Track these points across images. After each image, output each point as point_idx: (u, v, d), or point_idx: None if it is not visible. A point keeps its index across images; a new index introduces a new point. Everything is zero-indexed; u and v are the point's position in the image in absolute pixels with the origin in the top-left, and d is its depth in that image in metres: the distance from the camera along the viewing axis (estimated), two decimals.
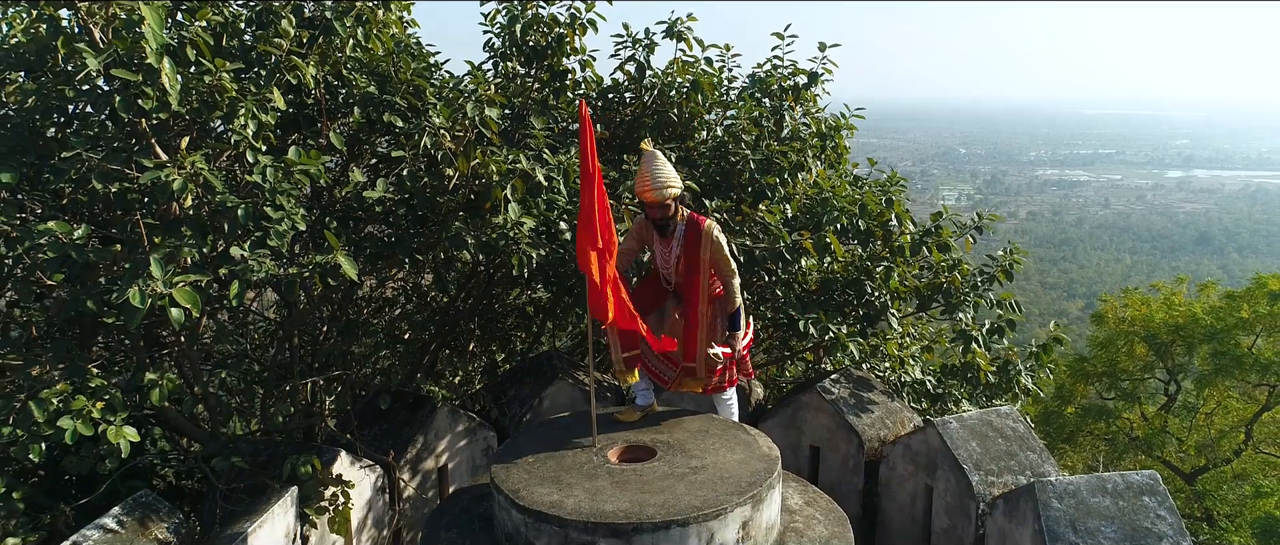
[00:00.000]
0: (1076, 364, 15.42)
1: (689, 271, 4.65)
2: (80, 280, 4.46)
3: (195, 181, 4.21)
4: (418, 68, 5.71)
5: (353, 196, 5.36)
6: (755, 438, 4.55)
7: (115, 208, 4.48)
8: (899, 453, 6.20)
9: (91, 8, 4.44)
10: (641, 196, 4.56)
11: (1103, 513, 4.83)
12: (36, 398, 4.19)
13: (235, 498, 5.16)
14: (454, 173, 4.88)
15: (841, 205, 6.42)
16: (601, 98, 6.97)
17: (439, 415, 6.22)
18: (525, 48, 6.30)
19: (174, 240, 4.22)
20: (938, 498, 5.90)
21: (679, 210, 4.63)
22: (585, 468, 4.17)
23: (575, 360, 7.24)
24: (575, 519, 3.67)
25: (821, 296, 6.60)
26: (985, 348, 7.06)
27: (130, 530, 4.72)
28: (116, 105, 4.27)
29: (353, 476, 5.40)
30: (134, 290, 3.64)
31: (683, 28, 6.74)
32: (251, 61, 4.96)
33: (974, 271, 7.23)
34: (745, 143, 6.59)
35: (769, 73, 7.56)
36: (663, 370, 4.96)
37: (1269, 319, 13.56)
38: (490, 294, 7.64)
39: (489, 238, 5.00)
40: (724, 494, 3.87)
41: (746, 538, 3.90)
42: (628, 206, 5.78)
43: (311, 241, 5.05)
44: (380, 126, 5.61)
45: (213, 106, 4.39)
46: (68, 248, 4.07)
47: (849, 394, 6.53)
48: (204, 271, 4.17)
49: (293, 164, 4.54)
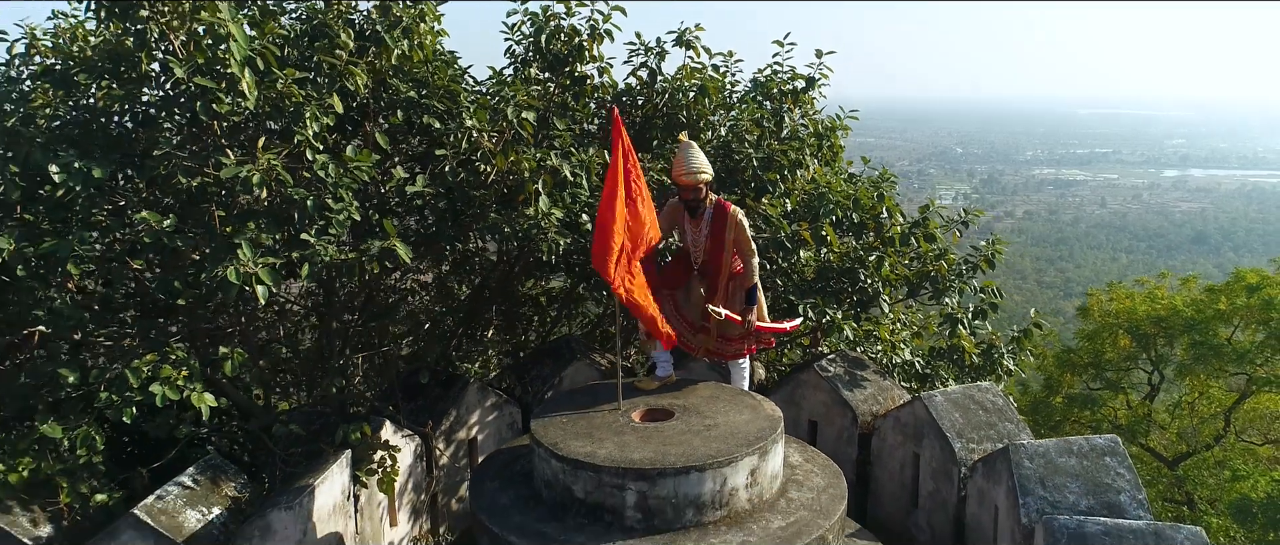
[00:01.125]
0: (1063, 355, 16.04)
1: (714, 250, 5.27)
2: (165, 265, 5.06)
3: (269, 176, 4.80)
4: (451, 74, 6.30)
5: (395, 190, 5.95)
6: (760, 402, 5.16)
7: (196, 200, 5.06)
8: (889, 425, 6.80)
9: (171, 22, 5.04)
10: (676, 180, 5.20)
11: (1068, 471, 5.43)
12: (130, 366, 4.78)
13: (292, 461, 5.76)
14: (491, 169, 5.47)
15: (837, 199, 7.02)
16: (616, 100, 7.55)
17: (470, 391, 6.81)
18: (548, 55, 6.90)
19: (251, 228, 4.82)
20: (924, 464, 6.49)
21: (708, 194, 5.24)
22: (613, 426, 4.77)
23: (589, 344, 7.84)
24: (607, 465, 4.27)
25: (819, 284, 7.20)
26: (969, 330, 7.67)
27: (204, 487, 5.32)
28: (198, 109, 4.86)
29: (396, 444, 5.99)
30: (231, 270, 4.23)
31: (691, 37, 7.35)
32: (308, 68, 5.55)
33: (959, 260, 7.84)
34: (748, 142, 7.19)
35: (770, 77, 8.17)
36: (688, 339, 5.58)
37: (1246, 311, 14.18)
38: (509, 284, 8.22)
39: (521, 227, 5.60)
40: (735, 446, 4.47)
41: (754, 483, 4.50)
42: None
43: (366, 230, 5.62)
44: (418, 127, 6.20)
45: (282, 110, 4.98)
46: (161, 235, 4.67)
47: (844, 372, 7.13)
48: (277, 255, 4.76)
49: (350, 161, 5.14)
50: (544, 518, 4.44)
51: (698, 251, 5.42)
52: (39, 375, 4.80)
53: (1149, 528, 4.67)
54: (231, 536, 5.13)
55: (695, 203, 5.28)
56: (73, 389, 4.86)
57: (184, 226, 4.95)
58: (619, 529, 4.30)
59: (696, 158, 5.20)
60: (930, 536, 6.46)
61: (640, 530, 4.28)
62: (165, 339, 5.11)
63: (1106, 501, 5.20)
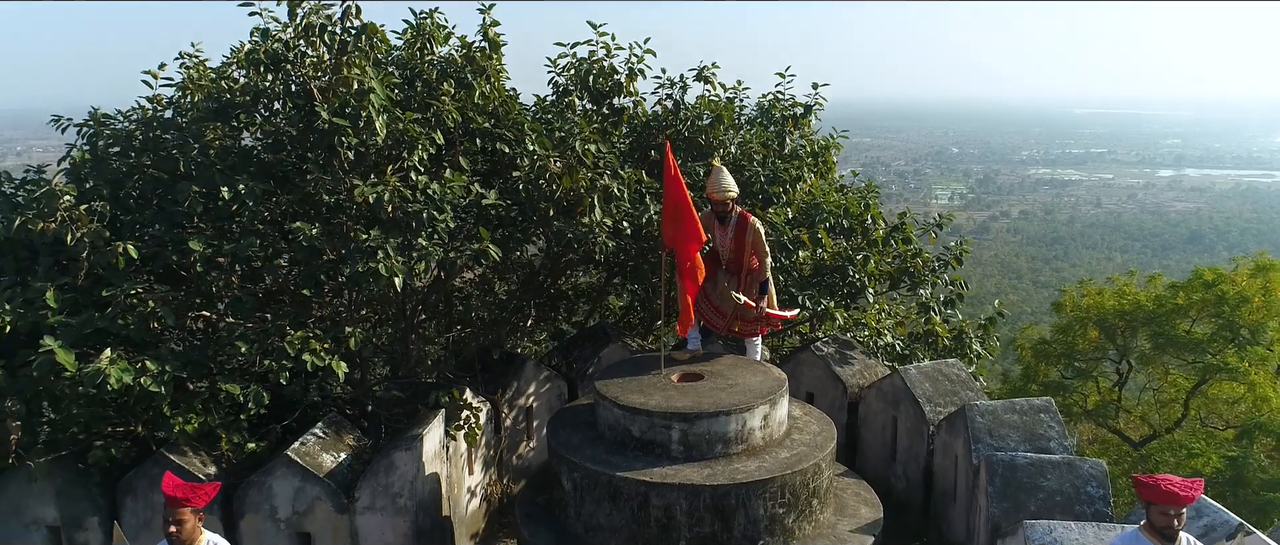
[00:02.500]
0: (1039, 347, 17.52)
1: (737, 250, 6.76)
2: (305, 263, 6.53)
3: (393, 195, 6.27)
4: (518, 108, 7.78)
5: (473, 202, 7.41)
6: (770, 368, 6.64)
7: (332, 213, 6.52)
8: (873, 394, 8.29)
9: (314, 73, 6.52)
10: (710, 196, 6.73)
11: (1010, 424, 6.91)
12: (286, 340, 6.26)
13: (394, 419, 7.24)
14: (557, 187, 6.94)
15: (830, 209, 8.51)
16: (646, 126, 9.02)
17: (528, 367, 8.29)
18: (593, 90, 8.38)
19: (376, 236, 6.28)
20: (901, 425, 7.98)
21: (734, 207, 6.73)
22: (657, 385, 6.25)
23: (620, 330, 9.32)
24: (657, 410, 5.75)
25: (815, 278, 8.68)
26: (942, 317, 9.16)
27: (331, 437, 6.80)
28: (335, 142, 6.34)
29: (475, 405, 7.46)
30: (381, 265, 5.70)
31: (709, 73, 8.84)
32: (412, 107, 7.02)
33: (933, 258, 9.33)
34: (757, 160, 8.67)
35: (773, 102, 9.66)
36: (714, 320, 7.07)
37: (1201, 305, 15.68)
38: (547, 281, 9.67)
39: (580, 233, 7.07)
40: (752, 398, 5.95)
41: (766, 426, 5.98)
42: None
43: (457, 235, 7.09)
44: (488, 151, 7.67)
45: (401, 143, 6.45)
46: (314, 240, 6.14)
47: (835, 352, 8.62)
48: (402, 254, 6.24)
49: (449, 182, 6.62)
50: (608, 451, 5.91)
51: (725, 251, 6.90)
52: (221, 346, 6.27)
53: (1063, 460, 6.16)
54: (358, 473, 6.61)
55: (724, 213, 6.77)
56: (243, 358, 6.32)
57: (325, 234, 6.42)
58: (666, 458, 5.77)
59: (726, 179, 6.71)
60: (906, 484, 7.95)
61: (682, 459, 5.76)
62: (305, 319, 6.58)
63: (1038, 445, 6.69)
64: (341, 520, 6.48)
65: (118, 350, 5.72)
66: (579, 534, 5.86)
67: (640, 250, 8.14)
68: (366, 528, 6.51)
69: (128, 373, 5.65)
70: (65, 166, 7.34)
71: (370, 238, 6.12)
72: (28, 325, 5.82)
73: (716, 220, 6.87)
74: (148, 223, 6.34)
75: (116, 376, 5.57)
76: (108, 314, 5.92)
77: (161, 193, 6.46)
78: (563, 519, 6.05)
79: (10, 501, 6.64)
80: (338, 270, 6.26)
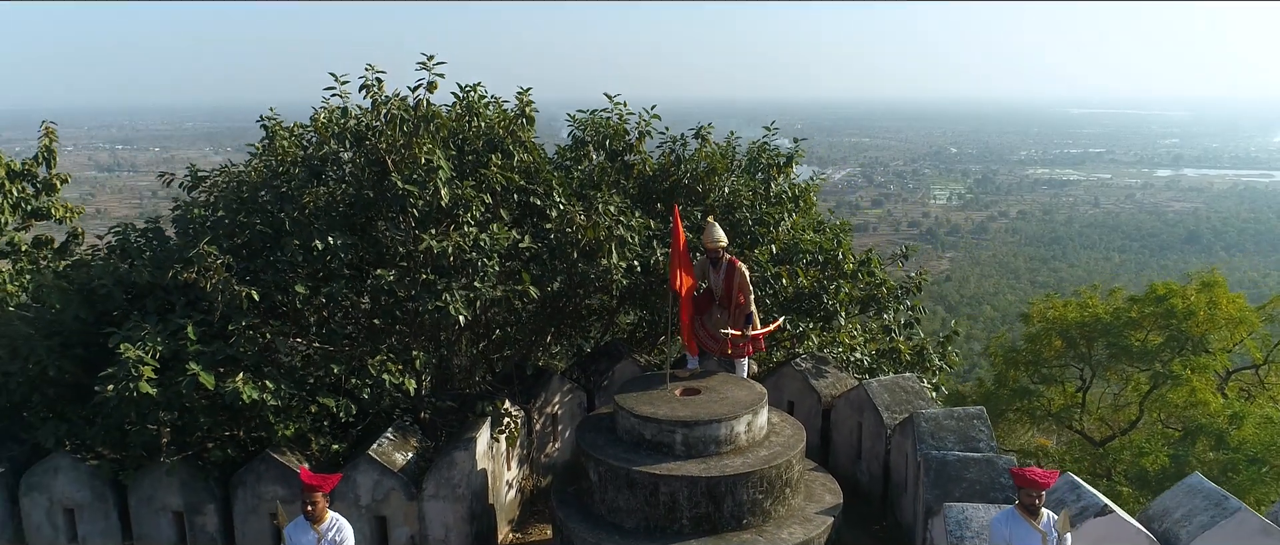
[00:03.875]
0: (1010, 355, 19.17)
1: (727, 289, 8.38)
2: (386, 301, 8.15)
3: (454, 248, 7.90)
4: (548, 168, 9.41)
5: (510, 246, 9.04)
6: (753, 385, 8.27)
7: (405, 260, 8.15)
8: (842, 403, 9.91)
9: (387, 148, 8.15)
10: (705, 245, 8.34)
11: (949, 428, 8.53)
12: (371, 362, 7.89)
13: (448, 424, 8.87)
14: (582, 236, 8.57)
15: (807, 247, 10.14)
16: (654, 177, 10.63)
17: (553, 380, 9.92)
18: (607, 147, 10.02)
19: (443, 278, 7.91)
20: (865, 428, 9.61)
21: (724, 254, 8.35)
22: (664, 398, 7.88)
23: (630, 348, 10.94)
24: (665, 419, 7.39)
25: (794, 305, 10.30)
26: (903, 336, 10.80)
27: (400, 439, 8.43)
28: (406, 204, 7.97)
29: (514, 413, 9.09)
30: (454, 303, 7.33)
31: (706, 133, 10.48)
32: (463, 172, 8.65)
33: (897, 286, 10.96)
34: (745, 205, 10.29)
35: (761, 149, 11.29)
36: (710, 345, 8.71)
37: (1153, 317, 17.32)
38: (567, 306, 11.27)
39: (598, 272, 8.71)
40: (738, 408, 7.59)
41: (750, 430, 7.62)
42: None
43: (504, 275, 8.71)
44: (525, 203, 9.28)
45: (458, 204, 8.08)
46: (393, 285, 7.78)
47: (812, 367, 10.24)
48: (461, 293, 7.87)
49: (497, 234, 8.24)
50: (626, 450, 7.54)
51: (717, 289, 8.53)
52: (318, 367, 7.91)
53: (984, 457, 7.79)
54: (423, 468, 8.25)
55: (716, 259, 8.40)
56: (335, 377, 7.95)
57: (399, 278, 8.04)
58: (671, 456, 7.41)
59: (717, 231, 8.34)
60: (869, 477, 9.59)
61: (684, 456, 7.39)
62: (381, 345, 8.22)
63: (970, 446, 8.31)
64: (412, 506, 8.12)
65: (245, 373, 7.36)
66: (603, 515, 7.50)
67: (648, 283, 9.76)
68: (431, 513, 8.15)
69: (254, 390, 7.29)
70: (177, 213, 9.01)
71: (438, 282, 7.75)
72: (171, 352, 7.45)
73: (710, 265, 8.51)
74: (258, 270, 7.96)
75: (247, 393, 7.20)
76: (232, 343, 7.55)
77: (269, 246, 8.08)
78: (589, 504, 7.69)
79: (144, 492, 8.29)
80: (411, 309, 7.90)
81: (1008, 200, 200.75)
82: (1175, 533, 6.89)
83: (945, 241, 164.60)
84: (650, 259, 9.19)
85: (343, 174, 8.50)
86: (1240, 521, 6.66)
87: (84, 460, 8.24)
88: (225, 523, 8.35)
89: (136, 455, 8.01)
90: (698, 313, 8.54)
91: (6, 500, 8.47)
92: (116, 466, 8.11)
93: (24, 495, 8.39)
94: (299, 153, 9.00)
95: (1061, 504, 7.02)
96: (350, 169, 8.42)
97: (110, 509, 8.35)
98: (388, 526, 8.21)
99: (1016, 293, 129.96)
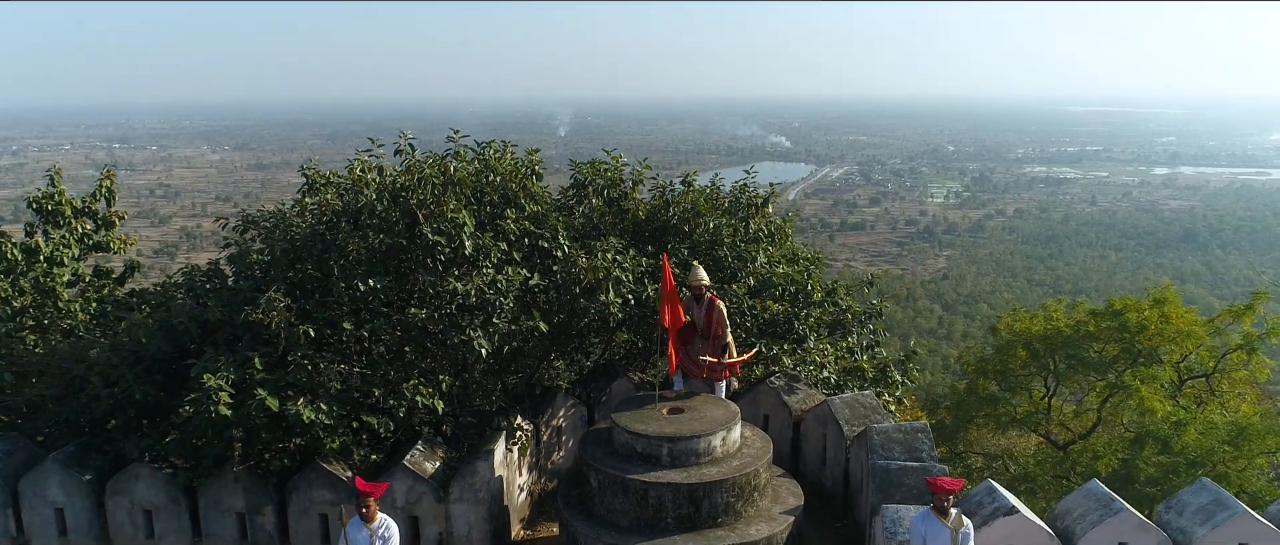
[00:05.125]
0: (980, 364, 20.66)
1: (708, 323, 9.85)
2: (419, 335, 9.61)
3: (475, 287, 9.36)
4: (555, 214, 10.87)
5: (522, 284, 10.50)
6: (728, 404, 9.75)
7: (434, 298, 9.62)
8: (810, 417, 11.38)
9: (420, 204, 9.63)
10: (688, 285, 9.81)
11: (897, 441, 9.99)
12: (406, 385, 9.36)
13: (471, 438, 10.34)
14: (585, 277, 10.04)
15: (779, 281, 11.60)
16: (647, 218, 12.08)
17: (558, 396, 11.40)
18: (605, 194, 11.49)
19: (466, 315, 9.37)
20: (829, 440, 11.08)
21: (706, 293, 9.82)
22: (653, 416, 9.36)
23: (625, 367, 12.42)
24: (653, 435, 8.87)
25: (770, 329, 11.77)
26: (867, 356, 12.28)
27: (428, 451, 9.91)
28: (433, 251, 9.43)
29: (525, 426, 10.56)
30: (477, 338, 8.81)
31: (691, 179, 11.94)
32: (481, 222, 10.11)
33: (861, 312, 12.44)
34: (726, 244, 11.76)
35: (741, 190, 12.76)
36: (693, 370, 10.19)
37: (1110, 331, 18.80)
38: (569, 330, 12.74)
39: (598, 306, 10.18)
40: (716, 426, 9.07)
41: (724, 444, 9.10)
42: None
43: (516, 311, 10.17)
44: (533, 245, 10.75)
45: (479, 251, 9.55)
46: (424, 321, 9.25)
47: (785, 385, 11.71)
48: (482, 329, 9.34)
49: (512, 277, 9.71)
50: (620, 461, 9.02)
51: (700, 323, 10.00)
52: (362, 390, 9.38)
53: (922, 466, 9.26)
54: (448, 475, 9.72)
55: (699, 296, 9.88)
56: (375, 398, 9.42)
57: (429, 315, 9.51)
58: (659, 466, 8.88)
59: (700, 273, 9.83)
60: (831, 482, 11.07)
61: (669, 466, 8.87)
62: (414, 371, 9.70)
63: (914, 456, 9.77)
64: (439, 508, 9.60)
65: (304, 397, 8.84)
66: (602, 515, 8.98)
67: (640, 313, 11.22)
68: (456, 513, 9.63)
69: (310, 411, 8.77)
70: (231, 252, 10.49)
71: (462, 318, 9.23)
72: (240, 379, 8.92)
73: (694, 301, 9.98)
74: (310, 309, 9.43)
75: (305, 414, 8.68)
76: (290, 372, 9.03)
77: (318, 287, 9.56)
78: (591, 506, 9.17)
79: (212, 496, 9.76)
80: (440, 341, 9.38)
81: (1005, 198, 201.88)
82: (1071, 529, 8.38)
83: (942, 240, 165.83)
84: (643, 294, 10.65)
85: (378, 224, 9.97)
86: (1122, 519, 8.15)
87: (160, 469, 9.71)
88: (281, 522, 9.82)
89: (207, 465, 9.48)
90: (683, 342, 10.01)
91: (94, 503, 9.94)
92: (189, 474, 9.58)
93: (109, 498, 9.86)
94: (337, 203, 10.49)
95: (981, 505, 8.53)
96: (384, 220, 9.89)
97: (183, 511, 9.82)
98: (419, 525, 9.69)
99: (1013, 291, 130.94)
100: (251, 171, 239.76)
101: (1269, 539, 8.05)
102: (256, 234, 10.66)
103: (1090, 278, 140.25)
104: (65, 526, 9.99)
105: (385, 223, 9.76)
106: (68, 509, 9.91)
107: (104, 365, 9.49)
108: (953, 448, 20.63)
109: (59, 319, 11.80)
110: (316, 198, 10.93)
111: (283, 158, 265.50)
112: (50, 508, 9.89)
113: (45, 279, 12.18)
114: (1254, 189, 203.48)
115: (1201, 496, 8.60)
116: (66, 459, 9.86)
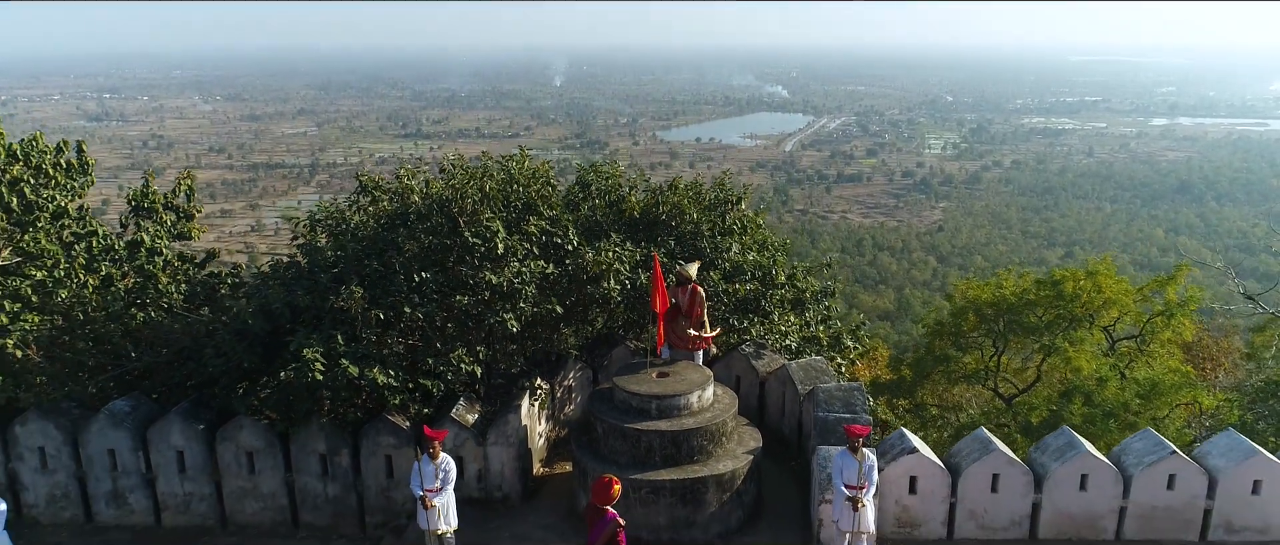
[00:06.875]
0: (936, 327, 23.37)
1: (689, 306, 12.50)
2: (463, 317, 12.26)
3: (506, 279, 11.98)
4: (565, 214, 13.46)
5: (541, 275, 13.09)
6: (703, 368, 12.46)
7: (473, 288, 12.24)
8: (774, 378, 14.08)
9: (460, 211, 12.23)
10: (678, 274, 12.41)
11: (838, 398, 12.67)
12: (452, 354, 12.03)
13: (501, 396, 13.05)
14: (592, 268, 12.65)
15: (749, 268, 14.22)
16: (641, 215, 14.64)
17: (569, 361, 14.10)
18: (604, 195, 14.06)
19: (499, 300, 12.00)
20: (787, 396, 13.80)
21: (690, 282, 12.44)
22: (645, 379, 12.05)
23: (624, 333, 15.10)
24: (646, 393, 11.58)
25: (741, 307, 14.41)
26: (821, 328, 14.98)
27: (469, 406, 12.64)
28: (471, 250, 12.04)
29: (544, 386, 13.26)
30: (510, 319, 11.46)
31: (678, 182, 14.51)
32: (509, 226, 12.69)
33: (819, 290, 15.10)
34: (706, 236, 14.35)
35: (719, 186, 15.33)
36: (677, 343, 12.86)
37: (1048, 299, 21.48)
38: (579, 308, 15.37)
39: (602, 294, 12.81)
40: (692, 387, 11.78)
41: (700, 401, 11.82)
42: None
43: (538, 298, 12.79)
44: (548, 240, 13.33)
45: (510, 252, 12.15)
46: (467, 306, 11.89)
47: (753, 352, 14.40)
48: (511, 311, 11.98)
49: (535, 268, 12.33)
50: (620, 413, 11.74)
51: (682, 305, 12.66)
52: (418, 359, 12.05)
53: (853, 417, 11.96)
54: (486, 424, 12.43)
55: (684, 284, 12.52)
56: (429, 366, 12.09)
57: (471, 301, 12.14)
58: (649, 418, 11.59)
59: (690, 269, 12.46)
60: (789, 430, 13.81)
61: (657, 417, 11.58)
62: (457, 346, 12.37)
63: (850, 409, 12.45)
64: (479, 450, 12.34)
65: (378, 366, 11.51)
66: (606, 455, 11.73)
67: (635, 294, 13.86)
68: (492, 454, 12.37)
69: (382, 376, 11.45)
70: (298, 245, 13.08)
71: (497, 303, 11.88)
72: (326, 351, 11.57)
73: (678, 288, 12.62)
74: (377, 296, 12.05)
75: (379, 379, 11.36)
76: (365, 345, 11.69)
77: (383, 279, 12.18)
78: (597, 448, 11.91)
79: (301, 441, 12.47)
80: (479, 320, 12.03)
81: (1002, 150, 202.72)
82: (959, 464, 11.14)
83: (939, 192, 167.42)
84: (637, 280, 13.29)
85: (429, 228, 12.54)
86: (995, 456, 10.90)
87: (259, 420, 12.41)
88: (355, 461, 12.56)
89: (297, 417, 12.17)
90: (669, 320, 12.67)
91: (206, 448, 12.66)
92: (284, 423, 12.28)
93: (219, 443, 12.58)
94: (389, 208, 13.07)
95: (892, 446, 11.25)
96: (434, 226, 12.46)
97: (278, 452, 12.55)
98: (463, 464, 12.43)
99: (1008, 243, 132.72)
100: (245, 122, 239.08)
101: (1102, 470, 10.80)
102: (324, 229, 13.26)
103: (1084, 230, 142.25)
104: (184, 466, 12.72)
105: (434, 228, 12.36)
106: (186, 452, 12.64)
107: (217, 339, 12.15)
108: (913, 399, 23.44)
109: (159, 298, 14.40)
110: (371, 199, 13.51)
111: (276, 109, 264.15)
112: (173, 450, 12.62)
113: (147, 265, 14.78)
114: (1251, 140, 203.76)
115: (1060, 439, 11.34)
116: (184, 413, 12.56)
